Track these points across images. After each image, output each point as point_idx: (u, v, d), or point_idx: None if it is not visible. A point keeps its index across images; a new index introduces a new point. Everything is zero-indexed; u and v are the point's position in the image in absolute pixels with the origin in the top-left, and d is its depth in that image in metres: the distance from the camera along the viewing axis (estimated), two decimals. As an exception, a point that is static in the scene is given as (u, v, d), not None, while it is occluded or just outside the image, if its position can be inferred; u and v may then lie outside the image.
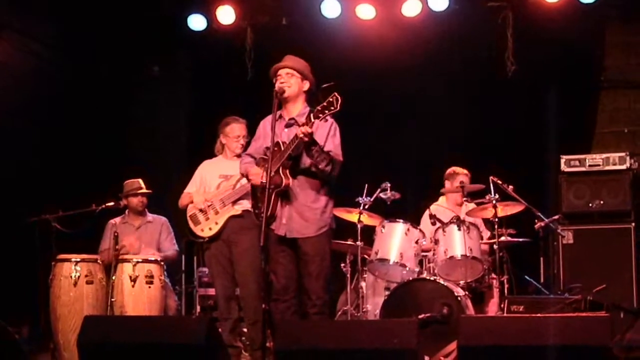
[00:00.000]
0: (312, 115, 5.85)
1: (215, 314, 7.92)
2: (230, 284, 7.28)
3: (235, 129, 7.29)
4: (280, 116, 6.23)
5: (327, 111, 5.80)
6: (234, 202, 7.13)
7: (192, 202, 7.34)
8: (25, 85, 8.85)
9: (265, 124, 6.40)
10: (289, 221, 6.10)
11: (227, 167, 7.26)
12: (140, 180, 8.10)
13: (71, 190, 8.30)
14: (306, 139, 5.81)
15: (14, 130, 8.51)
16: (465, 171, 8.33)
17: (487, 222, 8.10)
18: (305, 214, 6.12)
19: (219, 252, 7.21)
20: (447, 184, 8.39)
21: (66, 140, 9.16)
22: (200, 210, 7.26)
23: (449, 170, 8.42)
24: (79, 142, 9.30)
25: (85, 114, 9.41)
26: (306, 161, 6.06)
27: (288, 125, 6.21)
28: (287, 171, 6.03)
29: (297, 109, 6.27)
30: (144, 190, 8.08)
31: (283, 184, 6.00)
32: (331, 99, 5.79)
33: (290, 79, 6.22)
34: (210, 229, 7.21)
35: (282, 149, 6.02)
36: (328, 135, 6.11)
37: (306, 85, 6.29)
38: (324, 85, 5.97)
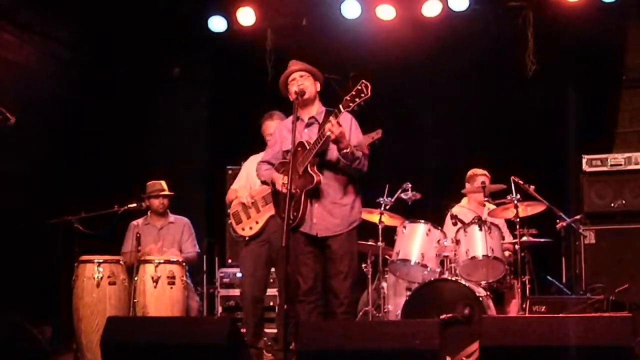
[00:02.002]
0: (340, 105, 5.80)
1: (238, 314, 7.95)
2: (261, 286, 7.31)
3: (268, 127, 7.25)
4: (298, 118, 6.18)
5: (357, 99, 5.73)
6: None
7: (237, 197, 7.35)
8: (47, 87, 8.89)
9: (281, 129, 6.41)
10: (320, 220, 6.09)
11: None
12: (163, 182, 8.12)
13: (93, 191, 8.35)
14: (335, 134, 5.79)
15: (36, 131, 8.55)
16: (486, 172, 8.32)
17: (508, 222, 8.09)
18: (334, 211, 6.11)
19: (256, 252, 7.24)
20: (468, 185, 8.38)
21: (88, 141, 9.20)
22: (243, 207, 7.27)
23: (470, 172, 8.41)
24: (101, 143, 9.33)
25: (106, 116, 9.45)
26: (332, 157, 6.05)
27: (308, 125, 6.22)
28: (315, 168, 6.02)
29: (315, 109, 6.27)
30: (166, 192, 8.10)
31: (315, 181, 5.98)
32: (360, 87, 5.73)
33: (306, 81, 6.22)
34: (251, 228, 7.24)
35: (308, 147, 6.00)
36: (350, 130, 6.10)
37: (318, 86, 6.29)
38: (353, 73, 5.89)
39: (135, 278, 7.34)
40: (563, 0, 9.02)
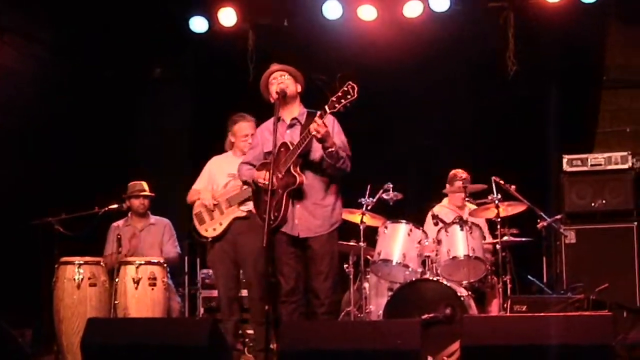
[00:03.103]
0: (326, 106, 5.79)
1: (218, 316, 7.92)
2: (233, 285, 7.29)
3: (242, 128, 7.27)
4: (279, 119, 6.19)
5: (343, 100, 5.73)
6: (240, 203, 7.10)
7: (199, 198, 7.33)
8: (28, 88, 8.85)
9: (263, 131, 6.40)
10: (302, 221, 6.08)
11: (236, 166, 7.23)
12: (144, 183, 8.10)
13: (74, 192, 8.31)
14: (321, 133, 5.78)
15: (17, 133, 8.51)
16: (465, 175, 8.34)
17: (489, 222, 8.10)
18: (316, 212, 6.11)
19: (222, 253, 7.21)
20: (448, 186, 8.40)
21: (69, 142, 9.16)
22: (206, 209, 7.25)
23: (450, 173, 8.43)
24: (82, 144, 9.30)
25: (88, 117, 9.41)
26: (315, 157, 6.06)
27: (291, 126, 6.21)
28: (298, 168, 6.02)
29: (296, 110, 6.26)
30: (146, 193, 8.08)
31: (298, 182, 5.98)
32: (346, 88, 5.73)
33: (287, 80, 6.22)
34: (214, 229, 7.22)
35: (291, 148, 6.00)
36: (333, 131, 6.07)
37: (299, 87, 6.28)
38: (340, 74, 5.89)
39: (116, 279, 7.30)
40: (543, 1, 9.04)
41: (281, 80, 6.20)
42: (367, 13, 9.46)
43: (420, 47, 9.20)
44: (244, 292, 7.81)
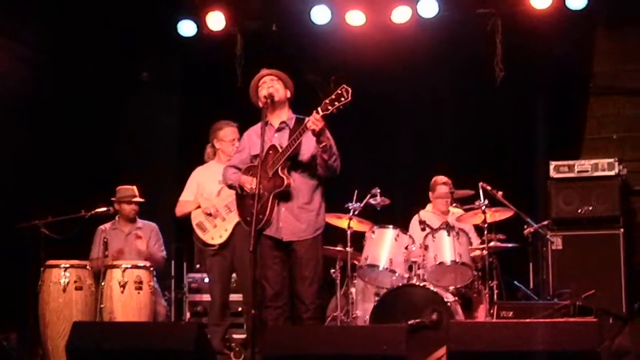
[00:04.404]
0: (319, 108, 5.80)
1: (206, 320, 7.91)
2: (227, 291, 7.32)
3: (228, 133, 7.31)
4: (267, 123, 6.18)
5: (337, 103, 5.76)
6: None
7: (196, 208, 7.33)
8: (15, 90, 8.82)
9: (250, 134, 6.39)
10: (286, 224, 6.08)
11: None
12: (135, 188, 8.09)
13: (61, 195, 8.27)
14: (319, 126, 5.78)
15: (4, 135, 8.47)
16: (444, 180, 8.36)
17: (476, 227, 8.10)
18: (301, 216, 6.11)
19: (222, 259, 7.25)
20: (431, 193, 8.43)
21: (56, 145, 9.13)
22: (207, 217, 7.24)
23: (432, 180, 8.46)
24: (69, 147, 9.26)
25: (75, 120, 9.38)
26: (303, 161, 6.07)
27: (279, 130, 6.21)
28: (286, 171, 6.03)
29: (285, 115, 6.27)
30: (138, 199, 8.07)
31: (285, 184, 5.99)
32: (340, 91, 5.76)
33: (277, 84, 6.22)
34: (220, 236, 7.23)
35: (280, 150, 6.01)
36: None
37: (288, 93, 6.29)
38: (334, 77, 5.89)
39: (102, 283, 7.28)
40: (531, 8, 9.05)
41: (271, 84, 6.21)
42: (356, 18, 9.47)
43: (408, 52, 9.22)
44: (235, 297, 7.86)
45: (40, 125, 9.01)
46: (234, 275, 7.48)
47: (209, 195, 7.30)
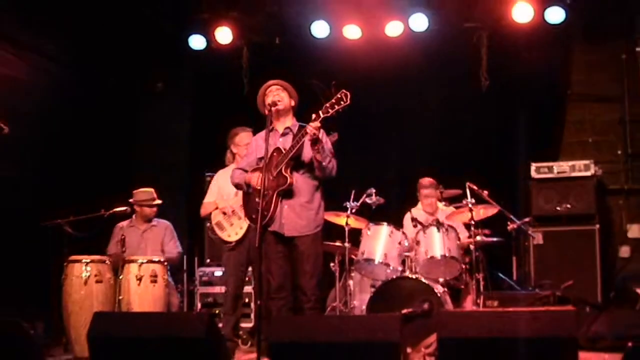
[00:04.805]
0: (320, 111, 5.83)
1: (219, 310, 7.94)
2: (241, 283, 7.33)
3: (244, 138, 7.29)
4: (273, 129, 6.23)
5: (337, 106, 5.79)
6: None
7: (215, 209, 7.36)
8: (40, 100, 8.82)
9: (257, 139, 6.42)
10: (288, 221, 6.09)
11: None
12: (153, 191, 8.06)
13: (82, 196, 8.27)
14: (316, 134, 5.81)
15: (29, 141, 8.48)
16: (427, 183, 8.39)
17: (463, 224, 8.11)
18: (302, 213, 6.12)
19: (237, 254, 7.24)
20: (418, 195, 8.44)
21: (78, 150, 9.14)
22: (225, 216, 7.26)
23: (419, 182, 8.47)
24: (90, 151, 9.27)
25: (95, 127, 9.39)
26: (305, 162, 6.09)
27: (283, 135, 6.24)
28: (289, 170, 6.05)
29: (289, 121, 6.29)
30: (158, 202, 8.05)
31: (288, 182, 6.02)
32: (340, 95, 5.79)
33: (281, 94, 6.25)
34: (236, 233, 7.23)
35: (284, 152, 6.04)
36: (324, 136, 6.14)
37: (293, 102, 6.30)
38: (334, 82, 5.90)
39: (120, 276, 7.29)
40: (514, 23, 9.06)
41: (276, 93, 6.23)
42: (353, 32, 9.49)
43: (401, 63, 9.23)
44: (249, 289, 8.01)
45: (63, 131, 9.01)
46: (250, 269, 7.49)
47: (227, 196, 7.30)
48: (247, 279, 7.68)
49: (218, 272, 8.84)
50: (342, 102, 5.79)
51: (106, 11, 9.10)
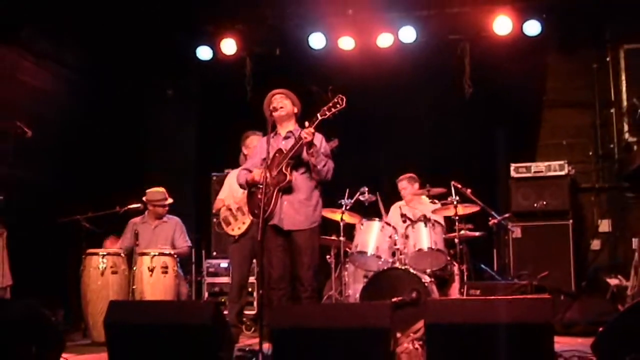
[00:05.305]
0: (318, 114, 5.84)
1: (225, 299, 7.94)
2: (246, 274, 7.31)
3: (254, 140, 7.26)
4: (277, 133, 6.25)
5: (333, 109, 5.80)
6: None
7: (223, 206, 7.38)
8: (59, 106, 8.83)
9: (262, 142, 6.42)
10: (287, 216, 6.08)
11: None
12: (164, 190, 8.04)
13: (98, 194, 8.27)
14: (309, 138, 5.82)
15: (50, 144, 8.48)
16: (402, 177, 8.41)
17: (448, 219, 8.10)
18: (301, 209, 6.11)
19: (242, 247, 7.23)
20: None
21: (94, 152, 9.14)
22: (231, 212, 7.26)
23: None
24: (105, 154, 9.27)
25: (109, 131, 9.40)
26: (304, 163, 6.08)
27: (286, 138, 6.24)
28: (289, 169, 6.04)
29: (292, 126, 6.29)
30: (169, 201, 8.04)
31: (287, 180, 6.02)
32: (336, 99, 5.81)
33: (284, 101, 6.25)
34: (239, 228, 7.24)
35: (285, 152, 6.05)
36: (322, 142, 6.15)
37: (295, 109, 6.30)
38: (331, 87, 5.91)
39: (134, 268, 7.30)
40: (494, 35, 9.08)
41: (280, 100, 6.24)
42: (347, 44, 9.50)
43: (391, 72, 9.22)
44: (254, 279, 7.98)
45: (80, 135, 9.01)
46: (254, 260, 7.49)
47: (237, 194, 7.30)
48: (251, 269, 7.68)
49: (224, 264, 8.84)
50: (338, 106, 5.82)
51: (121, 24, 9.10)
